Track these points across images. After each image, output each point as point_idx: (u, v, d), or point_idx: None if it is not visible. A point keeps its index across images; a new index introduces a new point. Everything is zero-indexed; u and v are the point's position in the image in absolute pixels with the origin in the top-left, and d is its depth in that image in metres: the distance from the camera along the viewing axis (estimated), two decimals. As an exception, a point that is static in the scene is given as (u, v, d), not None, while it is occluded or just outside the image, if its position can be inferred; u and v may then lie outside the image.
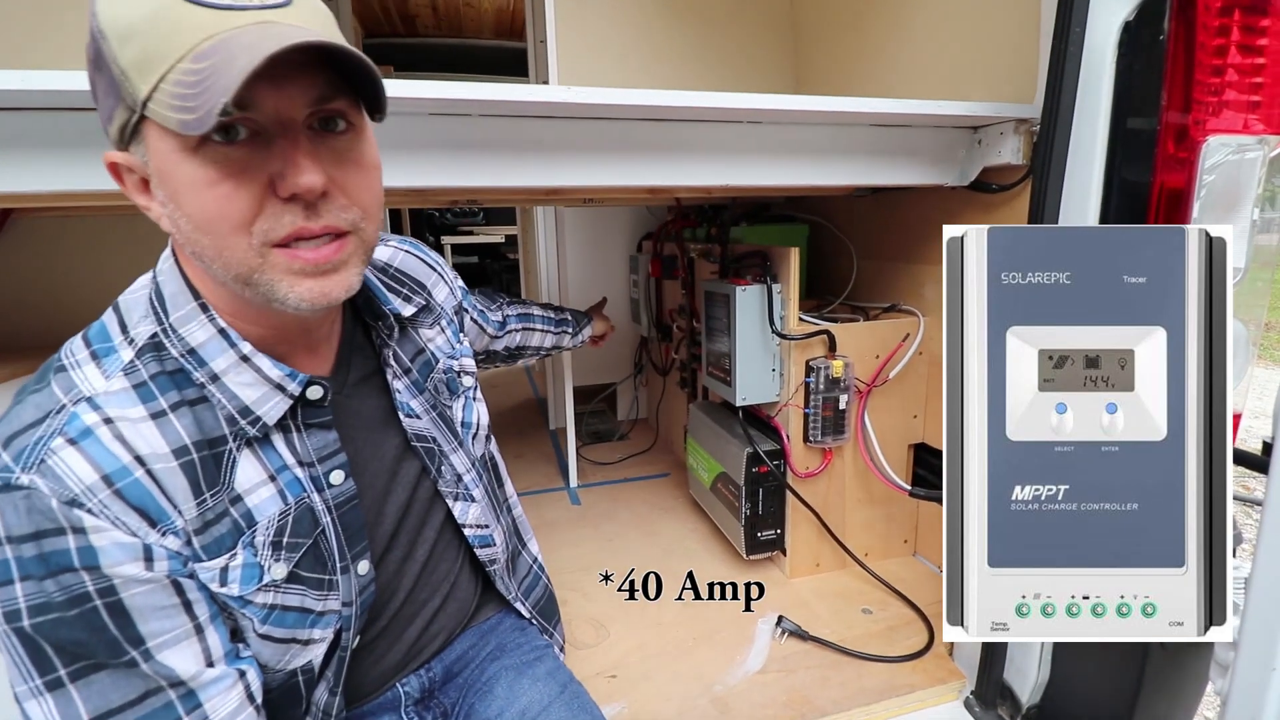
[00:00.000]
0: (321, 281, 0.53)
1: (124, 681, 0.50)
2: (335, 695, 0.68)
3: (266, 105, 0.47)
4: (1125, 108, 0.83)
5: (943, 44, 1.33)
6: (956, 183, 1.15)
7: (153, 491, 0.51)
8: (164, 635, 0.52)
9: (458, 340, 0.84)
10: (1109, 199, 0.85)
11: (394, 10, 3.65)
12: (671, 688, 1.10)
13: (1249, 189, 0.81)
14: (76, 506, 0.47)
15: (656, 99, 0.89)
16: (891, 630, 1.24)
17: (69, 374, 0.53)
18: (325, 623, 0.63)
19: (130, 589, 0.50)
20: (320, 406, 0.62)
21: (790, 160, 1.07)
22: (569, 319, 1.37)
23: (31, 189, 0.75)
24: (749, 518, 1.37)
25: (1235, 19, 0.76)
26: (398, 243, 0.84)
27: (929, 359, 1.37)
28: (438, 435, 0.75)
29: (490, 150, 0.92)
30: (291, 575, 0.59)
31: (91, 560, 0.48)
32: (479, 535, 0.81)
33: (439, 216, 4.80)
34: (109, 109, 0.49)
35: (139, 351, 0.55)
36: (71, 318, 1.61)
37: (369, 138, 0.57)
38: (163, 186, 0.50)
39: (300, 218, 0.50)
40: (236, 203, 0.48)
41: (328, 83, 0.50)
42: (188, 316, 0.56)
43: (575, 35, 1.77)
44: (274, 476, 0.59)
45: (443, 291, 0.85)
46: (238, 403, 0.56)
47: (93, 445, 0.49)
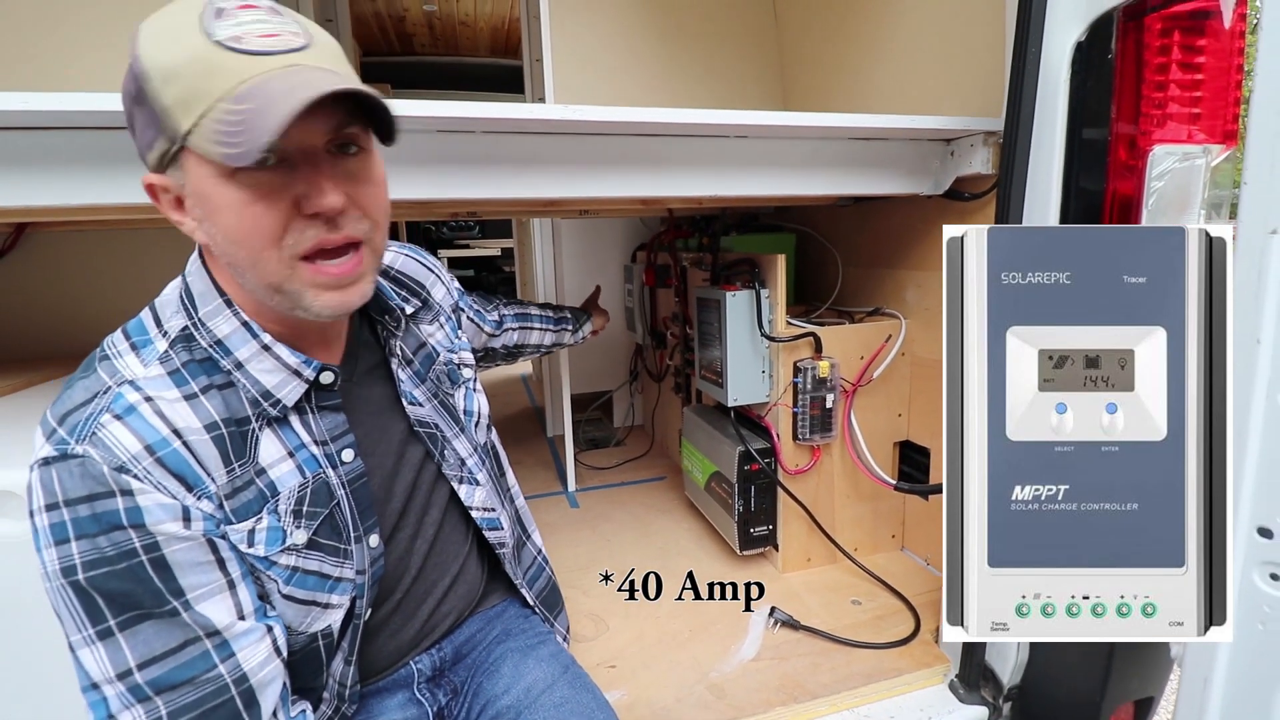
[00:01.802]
0: (342, 293, 0.61)
1: (166, 631, 0.56)
2: (350, 665, 0.73)
3: (293, 137, 0.54)
4: (1079, 120, 0.90)
5: (918, 62, 1.40)
6: (932, 192, 1.22)
7: (189, 460, 0.58)
8: (201, 589, 0.58)
9: (455, 335, 0.92)
10: (1067, 204, 0.92)
11: (391, 30, 3.74)
12: (669, 676, 1.15)
13: (1195, 194, 0.88)
14: (124, 472, 0.54)
15: (649, 116, 0.96)
16: (879, 619, 1.29)
17: (112, 362, 0.60)
18: (342, 589, 0.69)
19: (171, 545, 0.56)
20: (331, 390, 0.69)
21: (775, 172, 1.13)
22: (568, 316, 1.43)
23: (54, 203, 0.82)
24: (742, 514, 1.42)
25: (1175, 39, 0.84)
26: (398, 248, 0.91)
27: (911, 360, 1.43)
28: (440, 422, 0.82)
29: (492, 165, 0.98)
30: (311, 542, 0.66)
31: (138, 519, 0.54)
32: (486, 518, 0.87)
33: (435, 230, 4.86)
34: (149, 139, 0.56)
35: (172, 343, 0.62)
36: (79, 329, 1.68)
37: (377, 157, 0.64)
38: (200, 206, 0.57)
39: (323, 231, 0.58)
40: (267, 220, 0.55)
41: (345, 113, 0.57)
42: (214, 311, 0.63)
43: (570, 54, 1.85)
44: (292, 453, 0.66)
45: (440, 291, 0.92)
46: (260, 387, 0.63)
47: (136, 420, 0.56)
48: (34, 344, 1.66)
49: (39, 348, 1.66)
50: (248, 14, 0.53)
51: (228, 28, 0.52)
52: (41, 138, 0.79)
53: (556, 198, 1.04)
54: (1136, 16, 0.85)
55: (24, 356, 1.60)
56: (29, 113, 0.73)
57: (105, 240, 1.68)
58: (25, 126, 0.78)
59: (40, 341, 1.67)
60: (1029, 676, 1.07)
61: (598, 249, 2.39)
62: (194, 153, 0.53)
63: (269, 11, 0.55)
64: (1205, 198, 0.90)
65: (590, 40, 1.88)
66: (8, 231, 1.56)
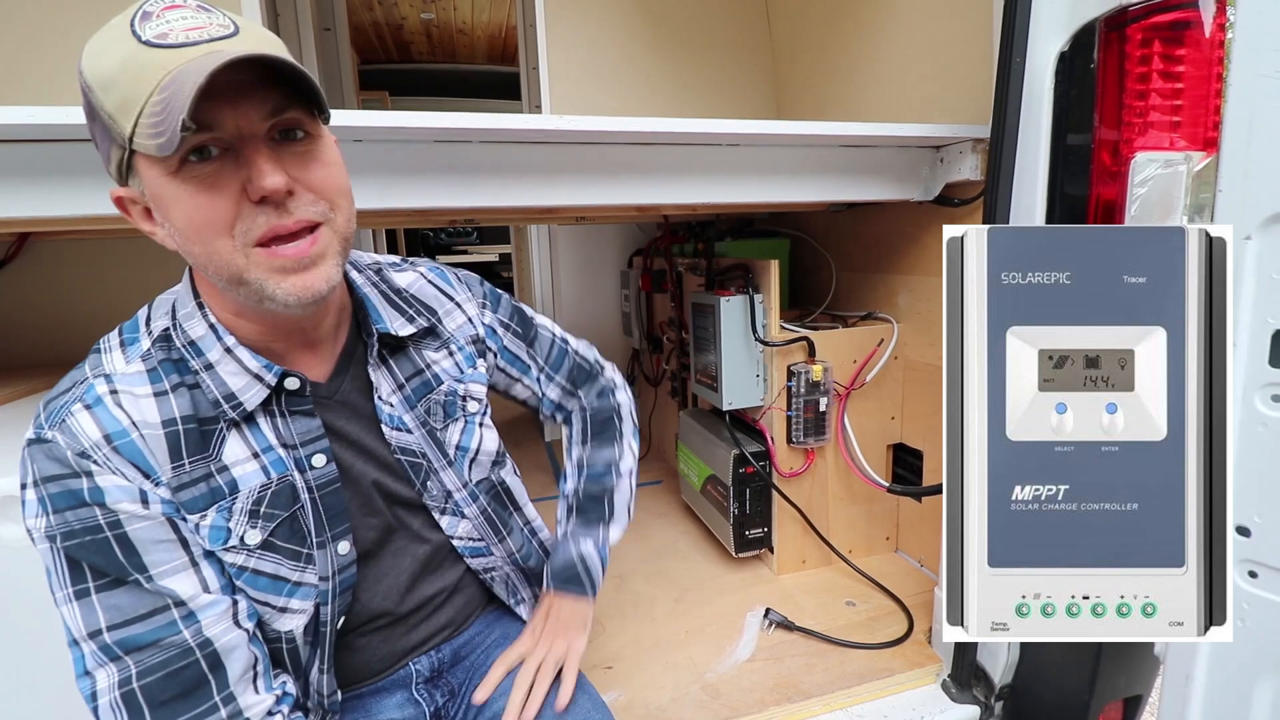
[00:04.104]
0: (303, 276, 0.60)
1: (136, 598, 0.61)
2: (325, 675, 0.74)
3: (228, 124, 0.55)
4: (1063, 128, 0.92)
5: (909, 71, 1.42)
6: (922, 197, 1.24)
7: (143, 451, 0.61)
8: (164, 565, 0.62)
9: (470, 366, 0.86)
10: (1053, 210, 0.94)
11: (389, 37, 3.77)
12: (665, 677, 1.16)
13: (1177, 200, 0.90)
14: (85, 457, 0.59)
15: (644, 125, 0.97)
16: (873, 620, 1.30)
17: (100, 356, 0.65)
18: (303, 594, 0.70)
19: (133, 523, 0.60)
20: (302, 396, 0.70)
21: (768, 179, 1.15)
22: (571, 517, 1.01)
23: (58, 214, 0.84)
24: (737, 517, 1.44)
25: (1156, 49, 0.86)
26: (425, 269, 0.87)
27: (904, 363, 1.45)
28: (428, 451, 0.80)
29: (489, 174, 1.00)
30: (267, 543, 0.67)
31: (99, 498, 0.59)
32: (471, 546, 0.85)
33: (433, 236, 4.88)
34: (106, 151, 0.58)
35: (154, 342, 0.65)
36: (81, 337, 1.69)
37: (328, 141, 0.64)
38: (157, 209, 0.58)
39: (273, 216, 0.58)
40: (216, 210, 0.56)
41: (282, 97, 0.57)
42: (190, 314, 0.66)
43: (566, 63, 1.87)
44: (258, 454, 0.67)
45: (456, 320, 0.86)
46: (224, 389, 0.65)
47: (101, 411, 0.60)
48: (37, 352, 1.67)
49: (42, 355, 1.67)
50: (173, 12, 0.54)
51: (154, 27, 0.53)
52: (45, 150, 0.81)
53: (553, 205, 1.06)
54: (1118, 27, 0.87)
55: (27, 364, 1.62)
56: (33, 126, 0.75)
57: (108, 248, 1.70)
58: (29, 139, 0.80)
59: (43, 349, 1.68)
60: (1020, 676, 1.08)
61: (594, 254, 2.41)
62: (142, 155, 0.55)
63: (195, 9, 0.56)
64: (1188, 204, 0.92)
65: (586, 49, 1.90)
66: (11, 240, 1.58)
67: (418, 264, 0.87)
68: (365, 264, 0.81)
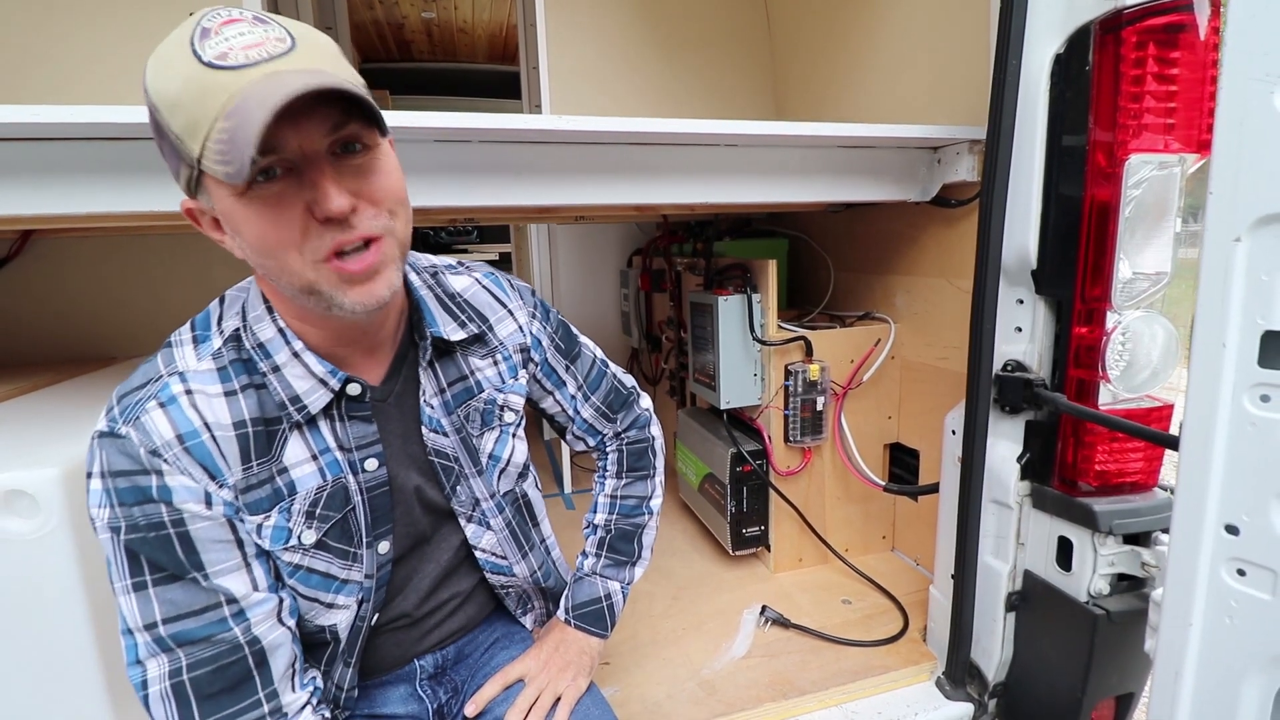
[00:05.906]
0: (368, 286, 0.62)
1: (191, 594, 0.63)
2: (350, 668, 0.76)
3: (290, 145, 0.56)
4: (1059, 130, 0.92)
5: (907, 73, 1.43)
6: (919, 198, 1.25)
7: (213, 452, 0.63)
8: (220, 564, 0.64)
9: (512, 376, 0.85)
10: (1048, 210, 0.94)
11: (390, 36, 3.78)
12: (662, 673, 1.17)
13: (1171, 202, 0.91)
14: (156, 456, 0.61)
15: (643, 125, 0.98)
16: (869, 618, 1.31)
17: (172, 350, 0.66)
18: (349, 591, 0.72)
19: (195, 523, 0.62)
20: (361, 402, 0.71)
21: (767, 179, 1.16)
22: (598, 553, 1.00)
23: (62, 211, 0.84)
24: (734, 515, 1.45)
25: (1150, 51, 0.86)
26: (481, 274, 0.86)
27: (900, 363, 1.46)
28: (461, 457, 0.81)
29: (489, 173, 1.01)
30: (320, 543, 0.69)
31: (166, 496, 0.61)
32: (492, 561, 0.86)
33: (433, 235, 4.88)
34: (174, 167, 0.59)
35: (225, 341, 0.67)
36: (84, 334, 1.70)
37: (386, 151, 0.65)
38: (227, 224, 0.60)
39: (338, 233, 0.59)
40: (283, 230, 0.58)
41: (341, 112, 0.58)
42: (260, 316, 0.68)
43: (566, 63, 1.88)
44: (316, 456, 0.69)
45: (508, 327, 0.85)
46: (290, 391, 0.67)
47: (175, 410, 0.62)
48: (40, 348, 1.68)
49: (45, 352, 1.68)
50: (231, 28, 0.55)
51: (214, 46, 0.53)
52: (49, 149, 0.82)
53: (552, 205, 1.06)
54: (1113, 29, 0.87)
55: (31, 360, 1.62)
56: (37, 124, 0.76)
57: (111, 245, 1.71)
58: (33, 138, 0.81)
59: (47, 346, 1.69)
60: (1014, 673, 1.09)
61: (594, 254, 2.42)
62: (209, 175, 0.55)
63: (253, 22, 0.56)
64: (1182, 205, 0.93)
65: (586, 49, 1.91)
66: (14, 237, 1.58)
67: (474, 268, 0.87)
68: (422, 266, 0.82)
